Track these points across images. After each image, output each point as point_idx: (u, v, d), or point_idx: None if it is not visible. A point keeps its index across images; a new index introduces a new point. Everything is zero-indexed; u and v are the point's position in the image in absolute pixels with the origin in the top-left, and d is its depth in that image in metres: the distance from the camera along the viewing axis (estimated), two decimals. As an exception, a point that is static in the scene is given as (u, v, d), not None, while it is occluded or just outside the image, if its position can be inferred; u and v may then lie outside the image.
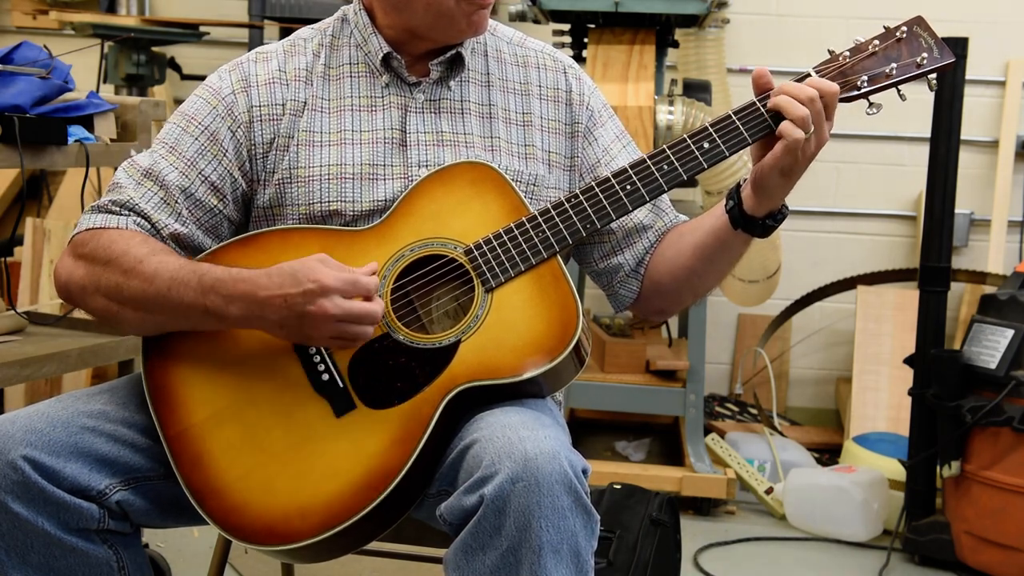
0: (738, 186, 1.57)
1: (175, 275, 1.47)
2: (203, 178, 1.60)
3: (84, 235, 1.55)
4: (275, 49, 1.69)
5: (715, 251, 1.61)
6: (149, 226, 1.56)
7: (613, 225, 1.65)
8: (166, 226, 1.57)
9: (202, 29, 3.83)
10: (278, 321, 1.43)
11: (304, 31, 1.71)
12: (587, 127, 1.71)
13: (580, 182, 1.69)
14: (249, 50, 1.72)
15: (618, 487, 2.40)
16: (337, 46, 1.68)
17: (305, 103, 1.64)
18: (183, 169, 1.59)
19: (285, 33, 3.61)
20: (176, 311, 1.47)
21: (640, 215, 1.68)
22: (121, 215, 1.56)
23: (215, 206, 1.61)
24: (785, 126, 1.48)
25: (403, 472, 1.41)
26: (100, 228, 1.55)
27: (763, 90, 1.54)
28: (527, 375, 1.45)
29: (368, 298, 1.44)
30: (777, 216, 1.56)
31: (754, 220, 1.56)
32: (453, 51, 1.65)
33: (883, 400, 3.65)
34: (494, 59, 1.71)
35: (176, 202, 1.58)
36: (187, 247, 1.60)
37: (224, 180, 1.61)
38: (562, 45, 3.40)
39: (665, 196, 1.68)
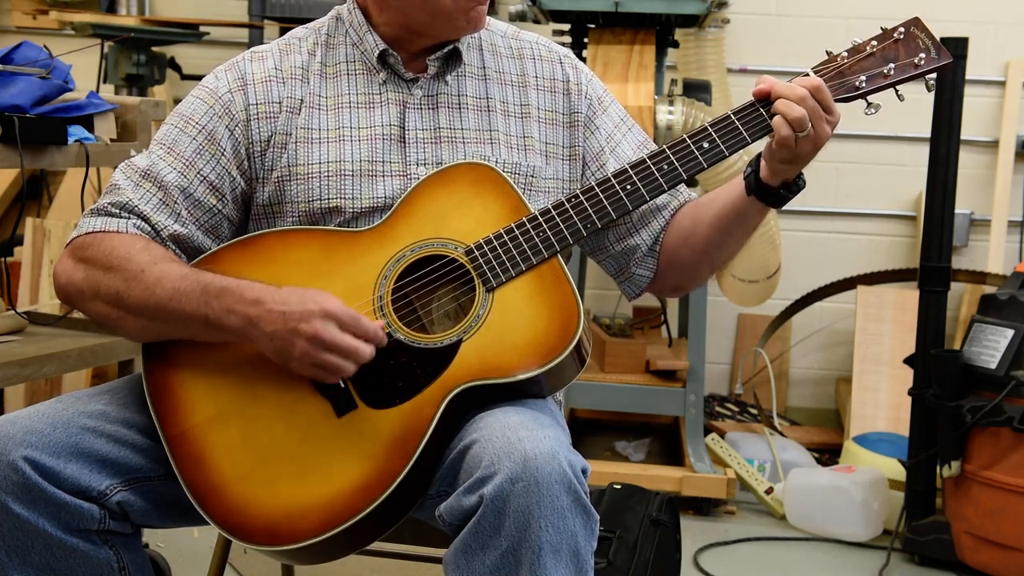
0: (759, 156, 1.58)
1: (177, 285, 1.46)
2: (202, 178, 1.60)
3: (85, 238, 1.55)
4: (270, 48, 1.69)
5: (732, 221, 1.62)
6: (149, 228, 1.56)
7: None
8: (166, 227, 1.57)
9: (202, 29, 3.83)
10: (269, 334, 1.42)
11: (298, 30, 1.72)
12: (587, 116, 1.71)
13: (586, 171, 1.70)
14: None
15: (618, 487, 2.40)
16: (333, 44, 1.68)
17: (302, 101, 1.64)
18: (181, 169, 1.59)
19: (284, 33, 3.61)
20: (177, 321, 1.47)
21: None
22: (121, 217, 1.56)
23: (214, 206, 1.61)
24: (776, 121, 1.51)
25: (404, 472, 1.41)
26: (101, 232, 1.54)
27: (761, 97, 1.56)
28: (528, 374, 1.45)
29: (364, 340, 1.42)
30: (792, 187, 1.57)
31: (768, 189, 1.57)
32: (450, 47, 1.66)
33: (883, 400, 3.65)
34: (489, 53, 1.71)
35: (175, 202, 1.58)
36: (187, 248, 1.59)
37: (223, 179, 1.61)
38: (562, 45, 3.40)
39: None
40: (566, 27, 3.42)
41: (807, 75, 1.55)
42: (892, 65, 1.56)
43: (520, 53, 1.73)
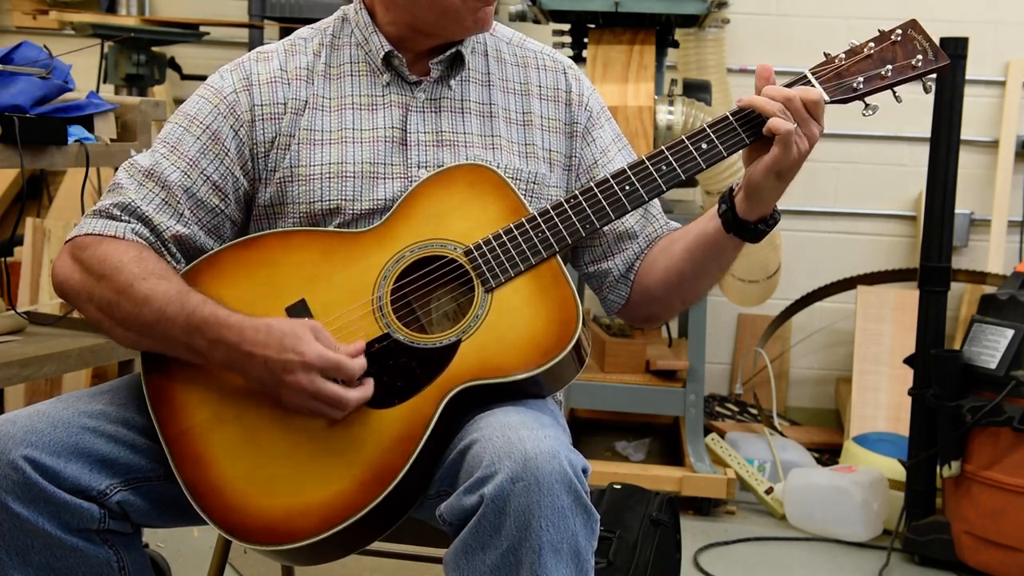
0: (731, 190, 1.57)
1: (163, 309, 1.46)
2: (205, 177, 1.60)
3: (83, 239, 1.54)
4: (276, 49, 1.69)
5: (707, 256, 1.61)
6: (150, 230, 1.56)
7: (604, 229, 1.65)
8: (168, 228, 1.57)
9: (202, 29, 3.83)
10: (257, 378, 1.44)
11: (304, 31, 1.72)
12: (585, 127, 1.71)
13: (577, 182, 1.70)
14: (249, 50, 1.72)
15: (618, 487, 2.40)
16: (338, 45, 1.68)
17: (306, 102, 1.64)
18: (185, 169, 1.59)
19: (285, 33, 3.62)
20: (163, 343, 1.48)
21: (630, 221, 1.68)
22: (121, 221, 1.55)
23: (217, 206, 1.61)
24: (773, 121, 1.48)
25: (403, 472, 1.41)
26: (99, 235, 1.54)
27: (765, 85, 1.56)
28: (527, 374, 1.45)
29: (349, 382, 1.43)
30: (769, 221, 1.56)
31: (746, 224, 1.56)
32: (453, 49, 1.66)
33: (883, 400, 3.65)
34: (494, 59, 1.71)
35: (178, 203, 1.58)
36: (189, 248, 1.59)
37: (226, 179, 1.61)
38: (562, 45, 3.40)
39: (656, 202, 1.68)
40: (566, 27, 3.42)
41: (804, 76, 1.56)
42: (890, 67, 1.56)
43: (525, 62, 1.73)
